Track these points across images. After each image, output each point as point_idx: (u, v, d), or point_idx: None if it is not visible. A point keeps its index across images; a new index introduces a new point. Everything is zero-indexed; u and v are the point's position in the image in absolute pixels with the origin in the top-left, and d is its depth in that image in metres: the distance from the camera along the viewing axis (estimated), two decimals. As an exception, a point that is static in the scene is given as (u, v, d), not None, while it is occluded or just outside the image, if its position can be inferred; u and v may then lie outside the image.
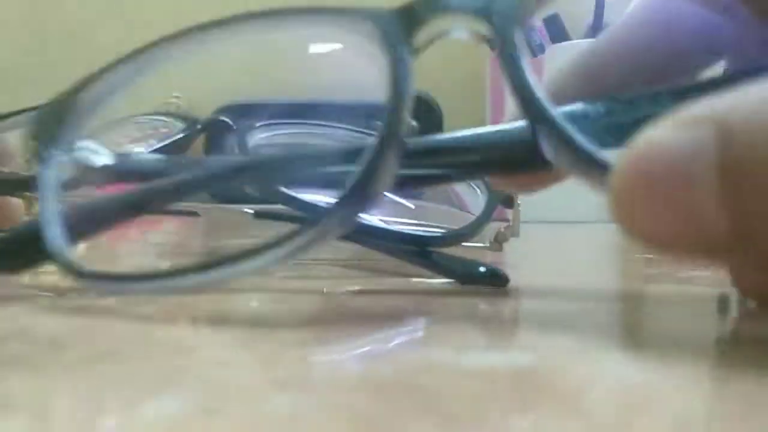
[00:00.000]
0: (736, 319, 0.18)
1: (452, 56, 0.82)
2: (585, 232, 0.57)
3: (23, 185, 0.25)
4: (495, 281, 0.21)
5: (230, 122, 0.26)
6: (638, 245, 0.12)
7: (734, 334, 0.16)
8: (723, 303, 0.18)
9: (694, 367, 0.12)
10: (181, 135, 0.25)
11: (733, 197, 0.11)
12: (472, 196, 0.27)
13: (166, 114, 0.30)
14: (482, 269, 0.21)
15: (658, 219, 0.11)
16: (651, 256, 0.28)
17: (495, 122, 0.74)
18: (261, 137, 0.26)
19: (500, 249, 0.28)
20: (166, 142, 0.25)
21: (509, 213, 0.28)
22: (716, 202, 0.11)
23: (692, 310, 0.18)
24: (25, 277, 0.23)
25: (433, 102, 0.75)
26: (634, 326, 0.16)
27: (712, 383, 0.12)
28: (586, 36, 0.75)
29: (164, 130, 0.29)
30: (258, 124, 0.26)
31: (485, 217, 0.25)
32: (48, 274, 0.24)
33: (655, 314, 0.18)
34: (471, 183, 0.26)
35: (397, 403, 0.11)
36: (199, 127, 0.26)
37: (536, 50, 0.75)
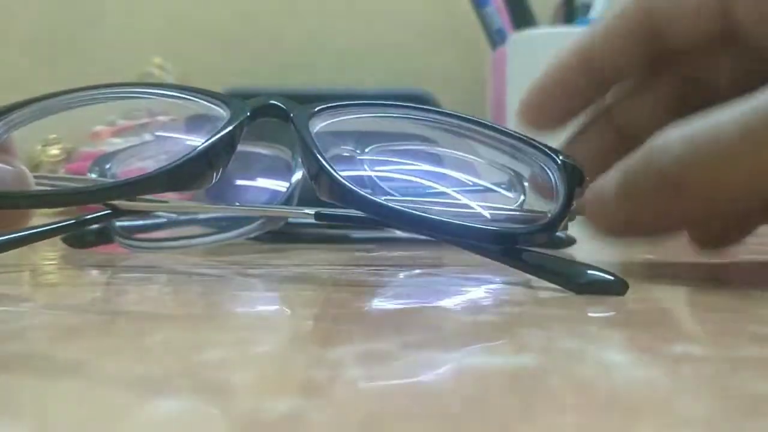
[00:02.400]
0: (739, 318, 0.18)
1: (453, 55, 0.82)
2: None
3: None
4: (614, 289, 0.19)
5: (284, 107, 0.21)
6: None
7: (737, 333, 0.16)
8: None
9: (696, 367, 0.12)
10: (232, 126, 0.21)
11: (626, 205, 0.21)
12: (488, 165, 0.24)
13: (158, 85, 0.24)
14: (599, 274, 0.19)
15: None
16: (652, 257, 0.28)
17: (496, 121, 0.74)
18: (323, 125, 0.21)
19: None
20: (219, 135, 0.20)
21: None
22: (619, 211, 0.22)
23: (693, 309, 0.18)
24: (26, 277, 0.23)
25: (432, 102, 0.75)
26: (634, 326, 0.16)
27: (713, 383, 0.12)
28: (556, 21, 0.64)
29: (163, 118, 0.26)
30: (316, 109, 0.21)
31: (568, 202, 0.21)
32: (48, 275, 0.24)
33: (656, 314, 0.18)
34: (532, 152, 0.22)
35: (399, 404, 0.11)
36: (248, 114, 0.21)
37: (496, 39, 0.64)
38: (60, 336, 0.15)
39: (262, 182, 0.28)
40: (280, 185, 0.27)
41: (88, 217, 0.24)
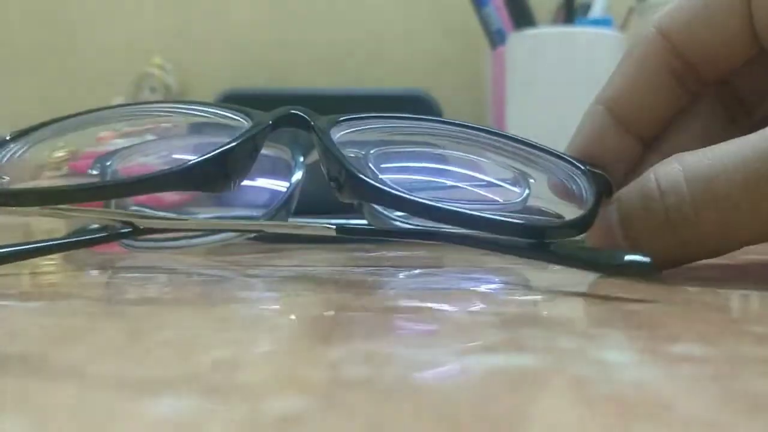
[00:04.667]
0: (739, 318, 0.18)
1: (453, 55, 0.82)
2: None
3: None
4: (646, 271, 0.19)
5: (306, 116, 0.22)
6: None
7: (737, 333, 0.16)
8: None
9: (696, 367, 0.12)
10: (252, 134, 0.21)
11: (628, 232, 0.22)
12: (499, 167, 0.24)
13: (177, 102, 0.24)
14: (630, 257, 0.19)
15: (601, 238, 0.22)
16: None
17: (496, 121, 0.74)
18: (343, 134, 0.22)
19: None
20: (235, 142, 0.20)
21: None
22: (623, 236, 0.22)
23: (694, 309, 0.18)
24: (26, 277, 0.23)
25: (432, 102, 0.75)
26: (634, 326, 0.16)
27: (714, 383, 0.12)
28: (556, 21, 0.65)
29: (165, 124, 0.26)
30: (340, 119, 0.22)
31: (596, 207, 0.22)
32: (48, 275, 0.24)
33: (656, 314, 0.18)
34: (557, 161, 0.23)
35: (398, 404, 0.11)
36: (270, 123, 0.21)
37: (495, 38, 0.64)
38: (60, 336, 0.15)
39: (262, 182, 0.28)
40: (280, 185, 0.27)
41: (107, 234, 0.24)
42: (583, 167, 0.23)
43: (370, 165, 0.24)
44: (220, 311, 0.18)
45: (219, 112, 0.23)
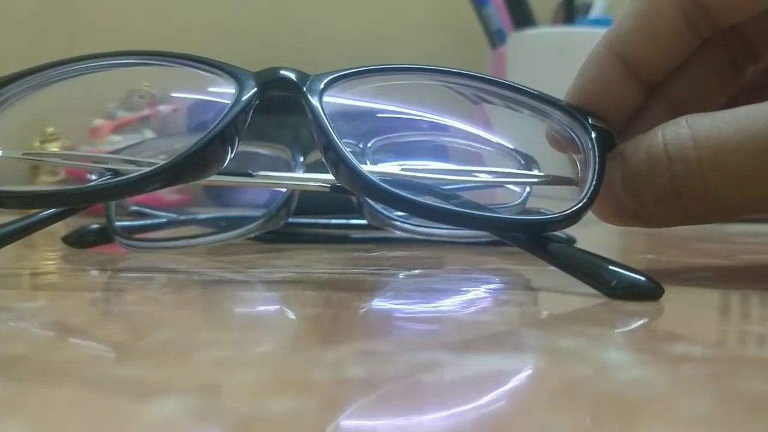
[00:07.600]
0: (739, 318, 0.18)
1: (453, 55, 0.82)
2: (586, 232, 0.56)
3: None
4: (650, 294, 0.18)
5: (295, 79, 0.20)
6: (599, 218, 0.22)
7: (737, 333, 0.16)
8: None
9: (696, 367, 0.12)
10: (242, 105, 0.19)
11: (631, 192, 0.21)
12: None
13: (159, 55, 0.22)
14: (631, 276, 0.18)
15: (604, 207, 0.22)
16: (651, 256, 0.28)
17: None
18: (337, 100, 0.20)
19: None
20: (229, 118, 0.19)
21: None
22: (626, 196, 0.21)
23: (694, 309, 0.18)
24: (26, 278, 0.23)
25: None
26: (634, 326, 0.16)
27: (714, 383, 0.12)
28: (555, 21, 0.64)
29: (164, 108, 0.24)
30: (327, 79, 0.20)
31: (599, 182, 0.20)
32: (48, 275, 0.24)
33: (656, 314, 0.18)
34: (565, 123, 0.21)
35: (399, 405, 0.11)
36: (255, 90, 0.20)
37: (495, 38, 0.64)
38: (60, 336, 0.15)
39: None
40: None
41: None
42: (587, 122, 0.21)
43: (368, 161, 0.23)
44: (220, 311, 0.18)
45: (201, 72, 0.21)
